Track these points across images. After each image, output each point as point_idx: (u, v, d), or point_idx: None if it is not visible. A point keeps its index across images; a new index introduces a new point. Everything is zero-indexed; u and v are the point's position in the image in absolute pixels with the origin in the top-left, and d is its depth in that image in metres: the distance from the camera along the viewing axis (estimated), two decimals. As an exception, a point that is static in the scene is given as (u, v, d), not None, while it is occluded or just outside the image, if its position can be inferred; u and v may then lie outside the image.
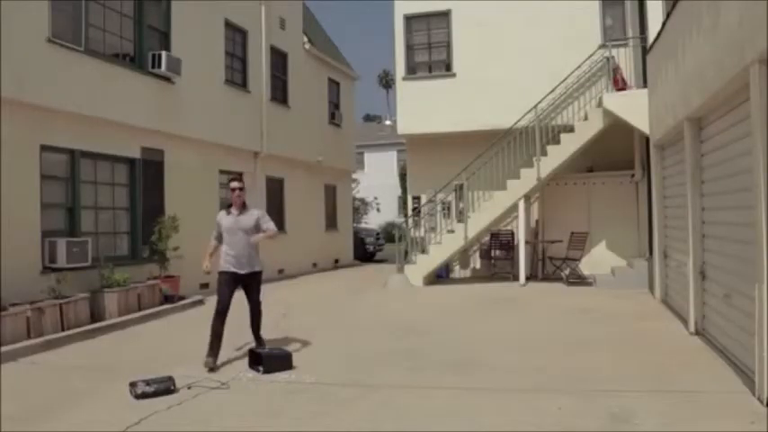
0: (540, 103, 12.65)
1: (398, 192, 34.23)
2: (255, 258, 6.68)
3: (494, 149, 12.78)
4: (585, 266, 12.88)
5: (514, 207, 12.73)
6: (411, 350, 6.89)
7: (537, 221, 14.03)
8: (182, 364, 6.34)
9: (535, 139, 12.52)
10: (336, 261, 19.36)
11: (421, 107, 14.07)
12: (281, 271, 15.76)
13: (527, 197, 12.93)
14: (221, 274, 6.56)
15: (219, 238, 6.71)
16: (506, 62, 13.43)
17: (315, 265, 17.83)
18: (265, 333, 6.87)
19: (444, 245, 13.14)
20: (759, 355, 4.56)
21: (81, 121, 9.65)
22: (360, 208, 30.81)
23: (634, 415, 4.48)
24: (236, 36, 14.23)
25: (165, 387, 5.32)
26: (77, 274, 9.02)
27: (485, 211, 12.85)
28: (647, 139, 10.73)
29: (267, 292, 12.57)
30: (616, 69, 12.32)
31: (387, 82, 59.15)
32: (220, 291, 6.50)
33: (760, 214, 4.51)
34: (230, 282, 6.53)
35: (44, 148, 9.06)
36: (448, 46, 14.23)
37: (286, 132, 15.92)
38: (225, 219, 6.67)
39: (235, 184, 6.64)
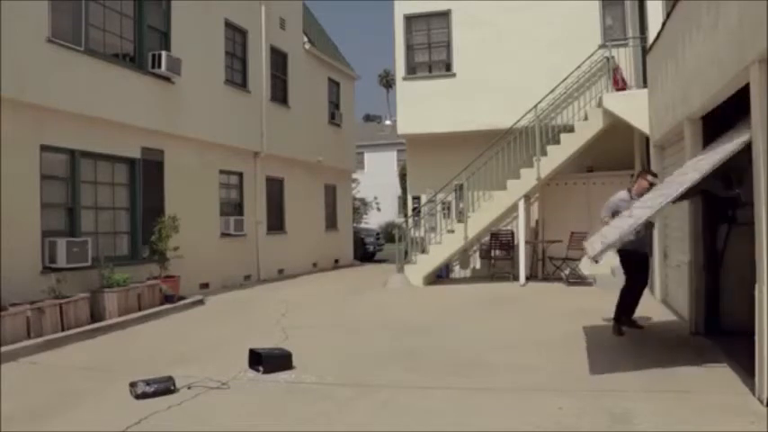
0: (540, 103, 12.64)
1: (398, 192, 34.23)
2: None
3: (494, 149, 12.77)
4: (585, 266, 12.85)
5: (514, 207, 12.73)
6: (411, 350, 6.89)
7: (537, 221, 14.02)
8: (182, 364, 6.34)
9: (535, 139, 12.53)
10: (336, 261, 19.36)
11: (421, 107, 14.07)
12: (281, 271, 15.78)
13: (527, 197, 12.93)
14: None
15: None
16: (506, 62, 13.42)
17: (315, 264, 17.83)
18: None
19: (444, 245, 13.14)
20: (759, 354, 4.56)
21: (81, 121, 9.64)
22: (360, 208, 30.79)
23: (634, 415, 4.48)
24: (236, 36, 14.23)
25: (165, 387, 5.32)
26: (77, 274, 9.03)
27: (485, 211, 12.85)
28: (647, 139, 10.72)
29: (267, 292, 12.74)
30: (616, 69, 12.31)
31: (387, 82, 59.15)
32: None
33: (760, 214, 4.51)
34: None
35: (44, 148, 9.05)
36: (448, 46, 14.23)
37: (286, 132, 15.92)
38: None
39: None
